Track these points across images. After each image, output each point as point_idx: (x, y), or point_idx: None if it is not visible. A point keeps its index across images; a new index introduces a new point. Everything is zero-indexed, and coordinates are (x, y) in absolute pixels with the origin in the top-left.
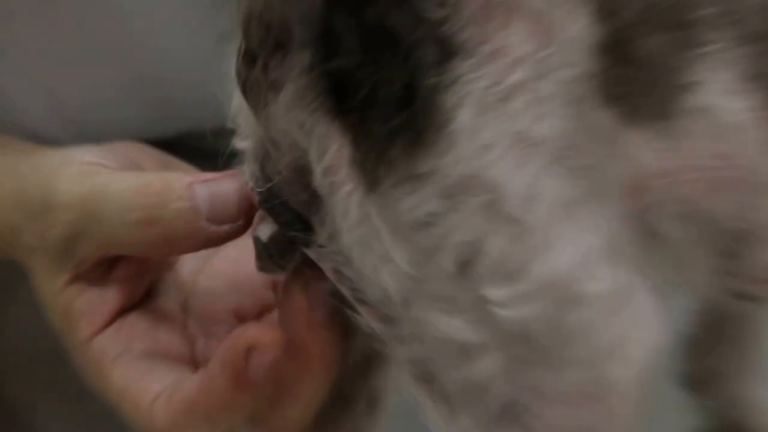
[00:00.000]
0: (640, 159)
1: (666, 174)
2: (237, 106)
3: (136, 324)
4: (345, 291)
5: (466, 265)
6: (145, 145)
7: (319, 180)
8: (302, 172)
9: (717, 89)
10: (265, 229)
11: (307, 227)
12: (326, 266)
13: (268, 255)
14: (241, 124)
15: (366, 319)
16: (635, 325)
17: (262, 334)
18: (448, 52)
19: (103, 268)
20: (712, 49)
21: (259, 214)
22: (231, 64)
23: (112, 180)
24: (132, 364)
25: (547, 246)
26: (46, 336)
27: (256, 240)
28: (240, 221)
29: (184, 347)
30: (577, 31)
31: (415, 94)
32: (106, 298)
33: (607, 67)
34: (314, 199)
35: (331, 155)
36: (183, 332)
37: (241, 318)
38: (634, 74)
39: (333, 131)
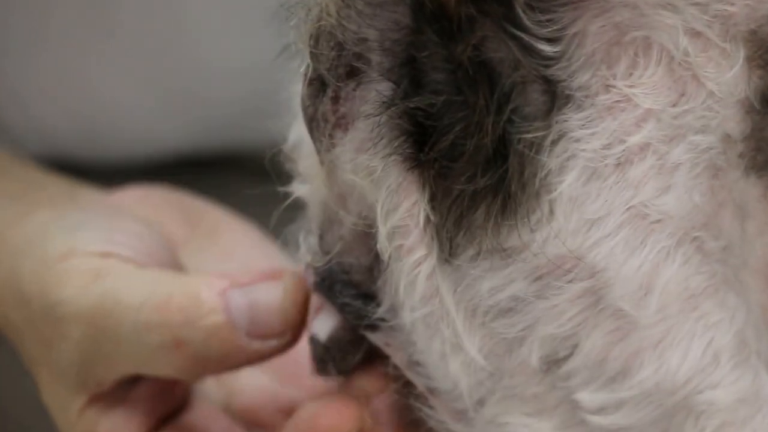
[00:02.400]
0: None
1: None
2: (295, 139)
3: None
4: (415, 379)
5: (554, 363)
6: (164, 191)
7: (383, 241)
8: (366, 235)
9: None
10: (324, 325)
11: (368, 299)
12: (395, 352)
13: (329, 357)
14: (299, 164)
15: (438, 414)
16: None
17: (340, 419)
18: (555, 100)
19: (126, 384)
20: None
21: (313, 306)
22: (284, 79)
23: (124, 287)
24: None
25: (661, 346)
26: None
27: (313, 340)
28: (288, 335)
29: None
30: (725, 82)
31: (509, 149)
32: (132, 419)
33: (758, 127)
34: (376, 263)
35: (401, 213)
36: None
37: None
38: None
39: (408, 184)
